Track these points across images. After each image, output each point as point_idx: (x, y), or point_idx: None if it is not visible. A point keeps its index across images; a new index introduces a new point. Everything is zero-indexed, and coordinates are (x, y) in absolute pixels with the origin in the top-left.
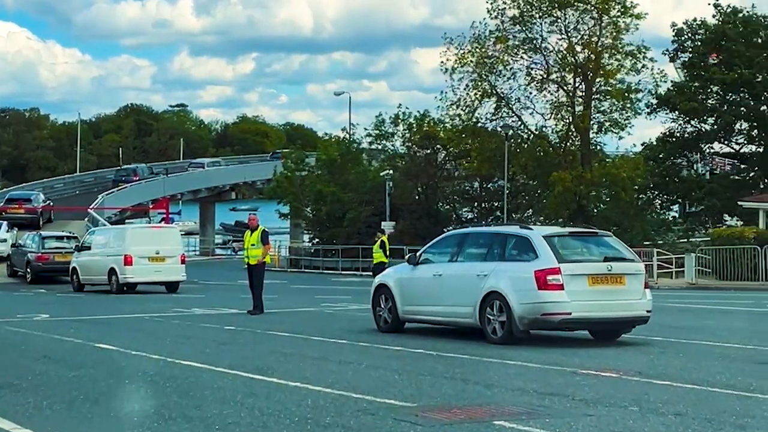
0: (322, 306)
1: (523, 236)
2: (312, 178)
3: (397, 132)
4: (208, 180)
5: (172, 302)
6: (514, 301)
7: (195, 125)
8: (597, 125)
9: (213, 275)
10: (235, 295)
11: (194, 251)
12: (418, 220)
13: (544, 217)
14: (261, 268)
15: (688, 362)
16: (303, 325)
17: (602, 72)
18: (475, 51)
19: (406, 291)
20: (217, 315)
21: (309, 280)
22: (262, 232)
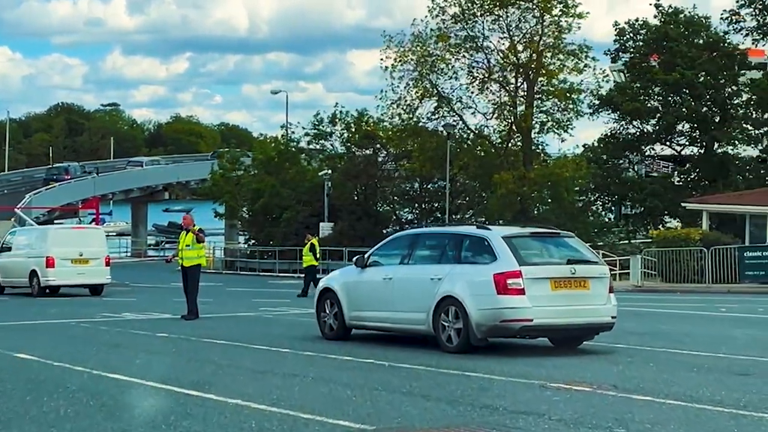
0: (260, 310)
1: (480, 237)
2: (248, 177)
3: (335, 131)
4: (140, 179)
5: (101, 306)
6: (472, 306)
7: (127, 125)
8: (539, 125)
9: (145, 277)
10: (168, 299)
11: (126, 253)
12: (357, 221)
13: (486, 218)
14: (196, 270)
15: (662, 373)
16: (241, 332)
17: (544, 72)
18: (415, 49)
19: (353, 296)
20: (149, 320)
21: (245, 283)
22: (196, 233)
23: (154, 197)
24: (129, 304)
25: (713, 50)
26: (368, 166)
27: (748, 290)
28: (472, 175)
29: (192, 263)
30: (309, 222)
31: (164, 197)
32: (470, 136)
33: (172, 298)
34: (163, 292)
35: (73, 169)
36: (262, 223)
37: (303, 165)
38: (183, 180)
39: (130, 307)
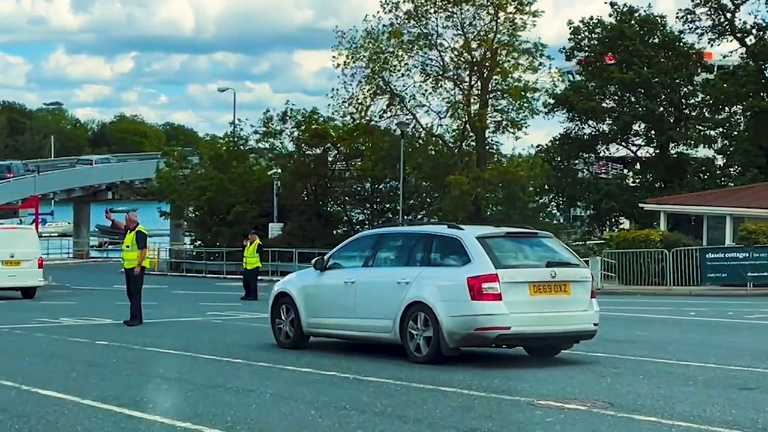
0: (208, 315)
1: (452, 237)
2: (195, 175)
3: (285, 130)
4: (83, 179)
5: (38, 311)
6: (443, 313)
7: (70, 124)
8: (494, 125)
9: (86, 279)
10: (110, 302)
11: (68, 254)
12: (307, 221)
13: (439, 219)
14: (139, 273)
15: (657, 387)
16: (189, 340)
17: (498, 70)
18: (367, 46)
19: (311, 301)
20: (89, 326)
21: (192, 285)
22: (137, 234)
23: (98, 197)
24: (68, 308)
25: (669, 49)
26: (318, 165)
27: (710, 293)
28: (426, 175)
29: (133, 265)
30: (258, 222)
31: (108, 197)
32: (423, 136)
33: (114, 302)
34: (105, 295)
35: (16, 168)
36: (208, 223)
37: (251, 163)
38: (127, 179)
39: (69, 311)
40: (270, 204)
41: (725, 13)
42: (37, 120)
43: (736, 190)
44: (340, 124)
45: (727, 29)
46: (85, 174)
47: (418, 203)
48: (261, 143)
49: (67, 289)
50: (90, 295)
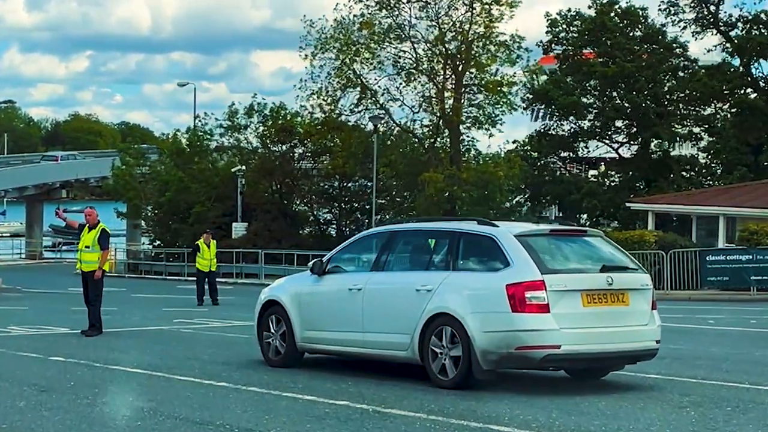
0: (175, 323)
1: (485, 235)
2: (156, 171)
3: (251, 125)
4: (36, 176)
5: None
6: (475, 328)
7: (24, 122)
8: (470, 120)
9: (39, 281)
10: (65, 308)
11: (20, 255)
12: (273, 221)
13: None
14: (100, 277)
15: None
16: (159, 355)
17: (474, 63)
18: (338, 36)
19: (307, 311)
20: (42, 337)
21: (151, 288)
22: (101, 232)
23: (51, 196)
24: (19, 314)
25: (652, 43)
26: (284, 162)
27: (711, 297)
28: (399, 172)
29: (93, 268)
30: (221, 222)
31: (62, 195)
32: (396, 132)
33: (70, 307)
34: (59, 300)
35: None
36: (168, 222)
37: (214, 159)
38: (83, 177)
39: (19, 318)
40: (233, 202)
41: (709, 6)
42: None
43: (726, 188)
44: (308, 119)
45: (711, 22)
46: (38, 171)
47: (387, 202)
48: (225, 138)
49: (19, 292)
50: (43, 298)
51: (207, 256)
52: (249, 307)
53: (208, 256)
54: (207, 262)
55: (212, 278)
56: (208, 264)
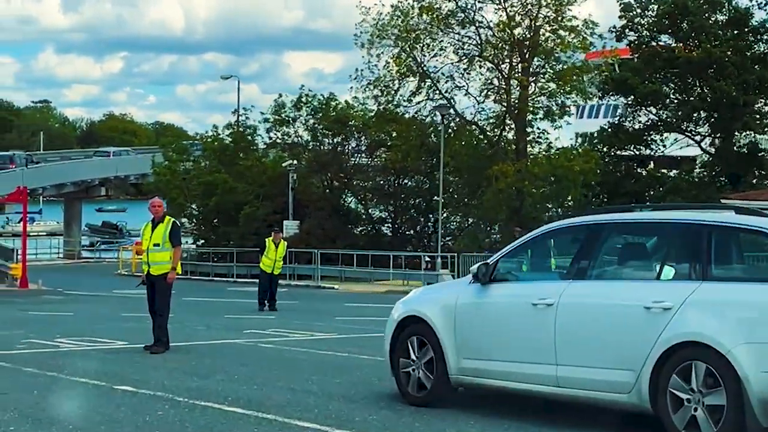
0: (248, 334)
1: (755, 229)
2: (199, 169)
3: (299, 117)
4: (74, 173)
5: (28, 324)
6: (749, 365)
7: (59, 122)
8: (540, 110)
9: (81, 283)
10: (113, 313)
11: (58, 254)
12: (327, 219)
13: (477, 218)
14: (172, 280)
15: None
16: (253, 382)
17: (543, 49)
18: (396, 23)
19: (468, 332)
20: (96, 352)
21: (201, 290)
22: (171, 226)
23: (90, 193)
24: (64, 321)
25: (737, 27)
26: (337, 156)
27: None
28: (462, 167)
29: (163, 270)
30: (271, 220)
31: (101, 193)
32: (459, 122)
33: (119, 312)
34: (105, 303)
35: (18, 158)
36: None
37: (260, 155)
38: (122, 174)
39: (65, 325)
40: (284, 200)
41: None
42: (24, 118)
43: None
44: (363, 110)
45: None
46: (76, 168)
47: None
48: (272, 132)
49: (60, 294)
50: (87, 302)
51: (272, 256)
52: (318, 314)
53: (272, 257)
54: (271, 262)
55: (275, 282)
56: (271, 265)
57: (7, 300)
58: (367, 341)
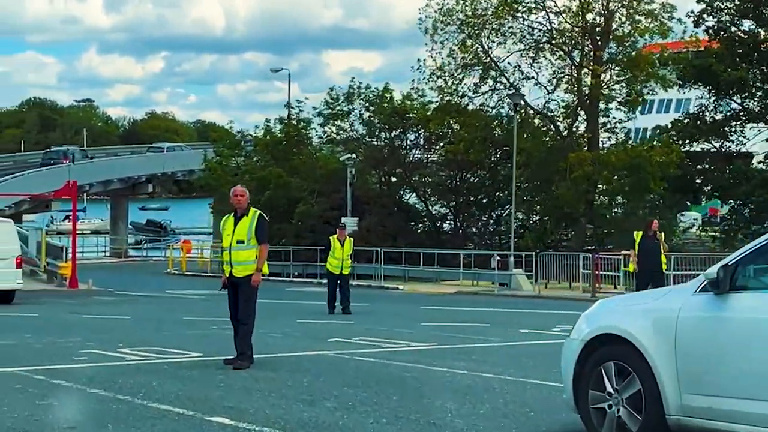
0: (334, 343)
1: None
2: (251, 164)
3: (353, 110)
4: (121, 169)
5: (85, 330)
6: None
7: (101, 121)
8: (612, 100)
9: (131, 283)
10: (172, 316)
11: (104, 253)
12: (388, 216)
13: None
14: (258, 284)
15: None
16: (372, 411)
17: (617, 36)
18: (462, 7)
19: (700, 357)
20: (169, 368)
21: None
22: (258, 220)
23: (136, 190)
24: (122, 325)
25: None
26: (395, 150)
27: None
28: (534, 160)
29: (248, 271)
30: (328, 217)
31: (147, 190)
32: (527, 113)
33: (179, 316)
34: (160, 305)
35: (73, 154)
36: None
37: (315, 148)
38: (169, 171)
39: (125, 332)
40: (340, 196)
41: None
42: (67, 117)
43: None
44: (421, 103)
45: None
46: (123, 164)
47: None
48: (327, 127)
49: (112, 295)
50: (142, 303)
51: (339, 255)
52: (400, 318)
53: (339, 256)
54: (338, 262)
55: (344, 282)
56: (339, 265)
57: (57, 301)
58: (477, 353)
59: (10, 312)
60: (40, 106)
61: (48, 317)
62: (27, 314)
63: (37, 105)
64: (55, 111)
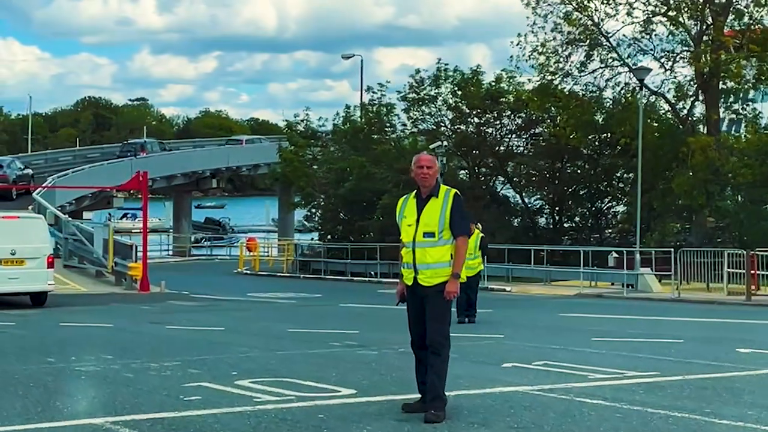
0: (515, 371)
1: None
2: (328, 154)
3: (440, 95)
4: (185, 164)
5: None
6: None
7: (156, 119)
8: (740, 79)
9: (204, 284)
10: (279, 330)
11: (167, 251)
12: (484, 209)
13: (662, 206)
14: (454, 295)
15: None
16: None
17: (738, 11)
18: None
19: None
20: (322, 416)
21: (348, 293)
22: (453, 202)
23: (200, 186)
24: (224, 345)
25: None
26: (487, 137)
27: None
28: (649, 145)
29: (441, 278)
30: None
31: (211, 185)
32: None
33: (284, 328)
34: (250, 311)
35: (150, 146)
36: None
37: (398, 137)
38: (233, 165)
39: (232, 354)
40: None
41: None
42: (122, 115)
43: None
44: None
45: None
46: (186, 159)
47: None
48: (411, 113)
49: (189, 299)
50: (229, 310)
51: (469, 251)
52: (550, 331)
53: (470, 252)
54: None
55: (475, 285)
56: (472, 265)
57: (131, 306)
58: (746, 391)
59: (80, 321)
60: (95, 105)
61: (126, 329)
62: (100, 324)
63: (91, 104)
64: (110, 110)
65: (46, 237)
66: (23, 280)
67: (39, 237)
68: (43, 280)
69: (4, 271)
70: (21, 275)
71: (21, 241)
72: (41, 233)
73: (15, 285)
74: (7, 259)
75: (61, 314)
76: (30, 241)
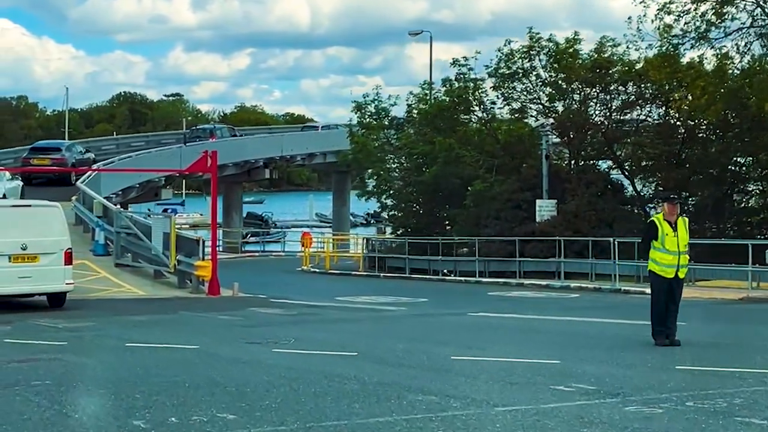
0: None
1: None
2: (407, 137)
3: (534, 70)
4: (236, 153)
5: (308, 394)
6: None
7: (191, 114)
8: None
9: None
10: (439, 356)
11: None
12: (598, 196)
13: None
14: None
15: None
16: None
17: None
18: None
19: None
20: None
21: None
22: None
23: (252, 176)
24: (383, 380)
25: None
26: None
27: None
28: None
29: None
30: (516, 198)
31: (264, 176)
32: None
33: (439, 351)
34: (369, 326)
35: (220, 131)
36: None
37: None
38: (287, 155)
39: (417, 407)
40: (533, 172)
41: None
42: (158, 111)
43: None
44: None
45: None
46: (237, 147)
47: (746, 169)
48: (501, 89)
49: (274, 306)
50: (337, 322)
51: (673, 246)
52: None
53: (674, 248)
54: (673, 258)
55: (679, 290)
56: (674, 263)
57: (204, 317)
58: None
59: (151, 339)
60: (130, 100)
61: (219, 354)
62: (178, 345)
63: (127, 99)
64: (146, 105)
65: (63, 228)
66: (36, 279)
67: (55, 228)
68: (60, 279)
69: (13, 270)
70: (34, 273)
71: (34, 233)
72: (57, 224)
73: (27, 285)
74: (17, 255)
75: (123, 328)
76: (44, 234)
